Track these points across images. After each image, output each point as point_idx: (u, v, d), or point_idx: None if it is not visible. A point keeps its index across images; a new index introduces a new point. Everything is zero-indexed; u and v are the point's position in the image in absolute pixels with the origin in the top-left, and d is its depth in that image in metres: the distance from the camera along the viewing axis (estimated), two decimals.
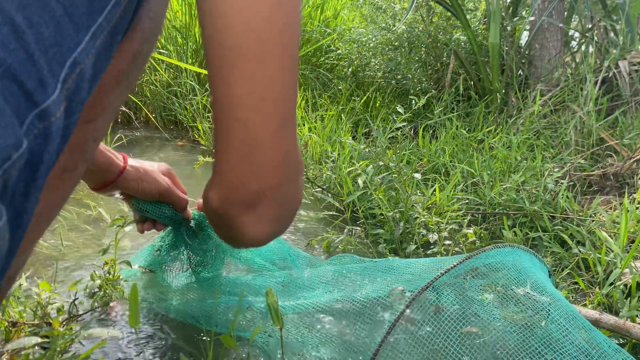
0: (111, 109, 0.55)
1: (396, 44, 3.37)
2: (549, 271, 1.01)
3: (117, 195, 0.96)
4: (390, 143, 2.38)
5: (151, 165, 0.98)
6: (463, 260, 0.90)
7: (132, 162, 0.93)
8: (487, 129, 2.61)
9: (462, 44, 3.27)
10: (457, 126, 2.61)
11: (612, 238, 1.44)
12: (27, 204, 0.38)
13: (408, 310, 0.86)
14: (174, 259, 1.12)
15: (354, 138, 2.62)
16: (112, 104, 0.55)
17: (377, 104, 3.08)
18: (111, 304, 1.13)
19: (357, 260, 1.17)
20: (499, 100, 3.00)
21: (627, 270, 1.27)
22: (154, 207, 1.00)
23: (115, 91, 0.53)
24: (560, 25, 3.08)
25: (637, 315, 1.13)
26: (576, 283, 1.35)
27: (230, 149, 0.48)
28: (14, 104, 0.34)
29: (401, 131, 2.63)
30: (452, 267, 0.89)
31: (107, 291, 1.13)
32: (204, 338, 1.03)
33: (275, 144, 0.48)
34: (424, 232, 1.58)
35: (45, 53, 0.36)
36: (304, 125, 2.62)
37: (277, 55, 0.45)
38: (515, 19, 3.29)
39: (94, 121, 0.52)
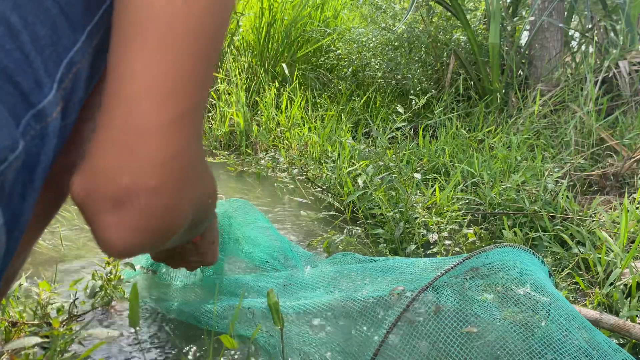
0: None
1: (396, 44, 3.37)
2: (549, 271, 1.01)
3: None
4: (390, 143, 2.38)
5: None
6: (463, 261, 0.90)
7: None
8: (487, 129, 2.61)
9: (462, 44, 3.27)
10: (457, 126, 2.61)
11: (612, 238, 1.44)
12: (24, 205, 0.37)
13: (408, 310, 0.86)
14: None
15: (354, 138, 2.62)
16: None
17: (377, 104, 3.08)
18: (112, 304, 1.13)
19: (358, 259, 1.17)
20: (499, 100, 3.00)
21: (627, 270, 1.27)
22: None
23: None
24: (560, 25, 3.08)
25: (637, 315, 1.13)
26: (576, 283, 1.35)
27: (108, 131, 0.40)
28: (10, 105, 0.34)
29: (401, 131, 2.63)
30: (452, 267, 0.89)
31: (108, 291, 1.13)
32: (204, 338, 1.03)
33: (163, 139, 0.40)
34: (424, 232, 1.58)
35: (41, 53, 0.36)
36: (304, 125, 2.62)
37: (190, 41, 0.40)
38: (515, 19, 3.29)
39: (91, 120, 0.52)
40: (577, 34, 3.59)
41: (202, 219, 0.52)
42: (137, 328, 1.03)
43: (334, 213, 1.83)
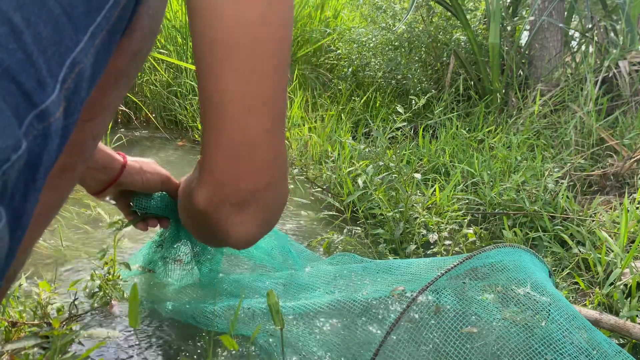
0: (110, 107, 0.55)
1: (396, 44, 3.37)
2: (549, 271, 1.01)
3: (111, 201, 0.95)
4: (390, 143, 2.38)
5: (144, 160, 0.98)
6: (463, 261, 0.90)
7: (130, 158, 0.92)
8: (487, 129, 2.61)
9: (462, 44, 3.27)
10: (457, 126, 2.61)
11: (612, 238, 1.44)
12: (27, 205, 0.37)
13: (408, 311, 0.86)
14: (177, 251, 1.12)
15: (354, 138, 2.62)
16: (111, 103, 0.54)
17: (377, 104, 3.08)
18: (111, 304, 1.13)
19: (358, 259, 1.17)
20: (499, 100, 3.00)
21: (627, 270, 1.27)
22: (156, 201, 0.99)
23: (114, 90, 0.53)
24: (561, 25, 3.08)
25: (637, 316, 1.12)
26: (576, 283, 1.35)
27: (222, 147, 0.46)
28: (13, 105, 0.34)
29: (401, 131, 2.63)
30: (452, 267, 0.89)
31: (107, 291, 1.13)
32: (205, 338, 1.03)
33: (268, 143, 0.47)
34: (424, 232, 1.58)
35: (44, 53, 0.36)
36: (304, 125, 2.62)
37: (271, 54, 0.44)
38: (515, 18, 3.29)
39: (93, 120, 0.52)
40: (577, 34, 3.59)
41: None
42: (137, 328, 1.03)
43: (334, 213, 1.83)
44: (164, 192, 1.00)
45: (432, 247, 1.57)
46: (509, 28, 3.22)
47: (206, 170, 0.49)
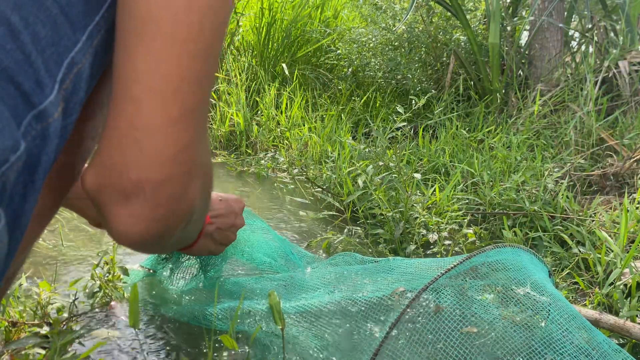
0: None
1: (396, 44, 3.37)
2: (549, 271, 1.01)
3: None
4: (390, 143, 2.38)
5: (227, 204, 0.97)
6: (463, 260, 0.90)
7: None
8: (487, 129, 2.61)
9: (462, 44, 3.27)
10: (457, 126, 2.61)
11: (612, 238, 1.44)
12: (26, 206, 0.37)
13: (408, 311, 0.86)
14: (184, 265, 1.13)
15: (354, 138, 2.62)
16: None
17: (377, 104, 3.08)
18: (111, 304, 1.13)
19: (359, 259, 1.17)
20: (499, 100, 3.00)
21: (627, 270, 1.27)
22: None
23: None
24: (560, 25, 3.08)
25: (637, 315, 1.13)
26: (576, 283, 1.35)
27: (117, 128, 0.42)
28: (12, 106, 0.34)
29: (401, 131, 2.63)
30: (452, 267, 0.89)
31: (107, 291, 1.13)
32: (205, 337, 1.03)
33: (170, 134, 0.42)
34: (424, 232, 1.58)
35: (42, 53, 0.36)
36: (304, 125, 2.62)
37: (192, 40, 0.41)
38: (515, 19, 3.29)
39: (92, 119, 0.52)
40: (577, 34, 3.58)
41: (205, 208, 0.54)
42: (138, 329, 1.03)
43: (334, 213, 1.83)
44: None
45: (432, 247, 1.58)
46: (509, 28, 3.22)
47: (97, 150, 0.45)
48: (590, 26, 3.34)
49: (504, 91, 3.06)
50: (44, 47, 0.36)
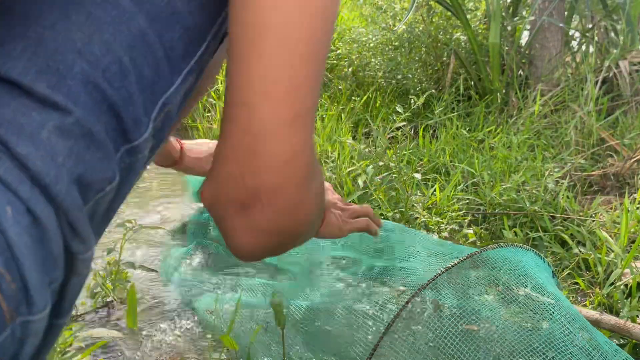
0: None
1: (396, 44, 3.37)
2: (552, 271, 1.01)
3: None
4: (390, 143, 2.38)
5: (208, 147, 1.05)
6: (464, 259, 0.90)
7: (187, 143, 0.99)
8: (488, 129, 2.61)
9: (462, 43, 3.27)
10: (458, 126, 2.61)
11: (612, 238, 1.44)
12: (98, 238, 0.39)
13: (407, 309, 0.86)
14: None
15: (354, 138, 2.62)
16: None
17: (377, 104, 3.08)
18: (112, 304, 1.13)
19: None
20: (499, 100, 3.00)
21: (627, 270, 1.27)
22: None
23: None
24: (561, 25, 3.08)
25: (637, 316, 1.12)
26: (576, 283, 1.35)
27: (231, 136, 0.41)
28: (112, 139, 0.36)
29: (401, 131, 2.63)
30: (452, 266, 0.89)
31: (108, 291, 1.13)
32: (205, 337, 1.03)
33: (283, 138, 0.41)
34: (424, 232, 1.58)
35: (143, 92, 0.37)
36: None
37: (302, 42, 0.40)
38: (515, 18, 3.29)
39: None
40: (577, 34, 3.58)
41: (322, 209, 0.52)
42: (137, 328, 1.03)
43: None
44: None
45: None
46: (509, 28, 3.22)
47: (214, 163, 0.45)
48: (590, 26, 3.34)
49: (504, 91, 3.06)
50: (145, 87, 0.37)
